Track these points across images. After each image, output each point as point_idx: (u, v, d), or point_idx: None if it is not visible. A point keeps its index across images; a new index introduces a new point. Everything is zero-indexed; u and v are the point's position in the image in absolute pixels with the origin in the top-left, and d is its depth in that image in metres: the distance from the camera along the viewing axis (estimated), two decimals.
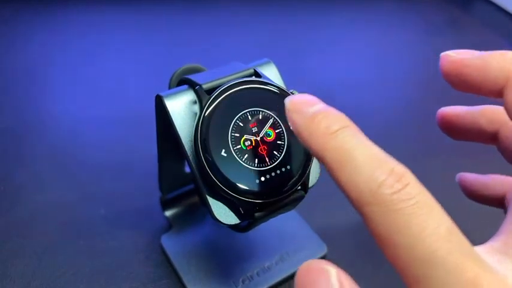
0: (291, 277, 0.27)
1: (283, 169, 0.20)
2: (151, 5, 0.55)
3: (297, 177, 0.21)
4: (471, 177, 0.26)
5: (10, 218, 0.31)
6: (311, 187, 0.22)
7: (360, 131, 0.16)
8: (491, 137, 0.24)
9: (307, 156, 0.21)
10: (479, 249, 0.16)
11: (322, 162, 0.16)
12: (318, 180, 0.23)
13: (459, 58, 0.20)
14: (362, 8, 0.58)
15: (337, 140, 0.15)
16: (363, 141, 0.16)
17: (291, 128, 0.17)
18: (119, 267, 0.28)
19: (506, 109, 0.18)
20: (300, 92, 0.22)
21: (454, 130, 0.25)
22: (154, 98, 0.22)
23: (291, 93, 0.21)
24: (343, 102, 0.44)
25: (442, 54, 0.20)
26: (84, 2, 0.54)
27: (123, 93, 0.43)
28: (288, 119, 0.17)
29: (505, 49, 0.19)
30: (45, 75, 0.44)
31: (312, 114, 0.16)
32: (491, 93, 0.19)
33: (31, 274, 0.27)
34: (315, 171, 0.23)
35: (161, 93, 0.21)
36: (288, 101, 0.17)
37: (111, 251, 0.29)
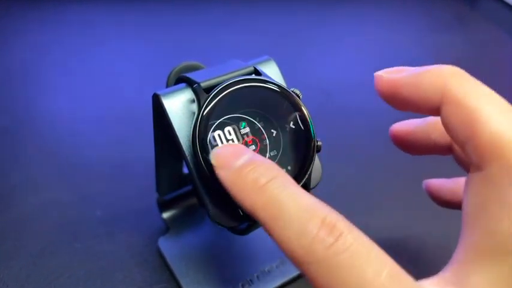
0: (292, 281, 0.27)
1: (284, 169, 0.20)
2: (149, 2, 0.55)
3: (297, 178, 0.21)
4: (437, 183, 0.26)
5: (4, 220, 0.31)
6: (312, 188, 0.22)
7: (290, 179, 0.16)
8: (446, 149, 0.24)
9: (309, 156, 0.21)
10: (429, 282, 0.16)
11: (257, 220, 0.16)
12: (320, 181, 0.23)
13: (391, 78, 0.20)
14: (365, 5, 0.58)
15: (266, 194, 0.15)
16: (292, 191, 0.15)
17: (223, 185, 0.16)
18: (115, 270, 0.28)
19: (445, 128, 0.18)
20: (303, 91, 0.22)
21: (410, 147, 0.25)
22: (151, 97, 0.22)
23: (292, 91, 0.21)
24: (344, 101, 0.44)
25: (375, 74, 0.20)
26: None
27: (119, 92, 0.43)
28: (217, 176, 0.17)
29: None
30: (40, 74, 0.44)
31: (239, 168, 0.16)
32: (429, 112, 0.19)
33: (25, 277, 0.27)
34: (316, 171, 0.23)
35: (158, 92, 0.21)
36: (212, 156, 0.17)
37: (108, 253, 0.29)
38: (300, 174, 0.21)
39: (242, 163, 0.16)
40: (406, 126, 0.25)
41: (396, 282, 0.14)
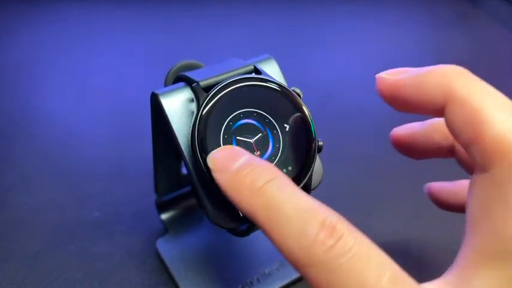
0: (293, 283, 0.27)
1: (284, 170, 0.20)
2: None
3: (298, 178, 0.21)
4: (438, 186, 0.26)
5: None
6: (314, 189, 0.22)
7: (288, 181, 0.16)
8: (449, 151, 0.24)
9: (310, 155, 0.21)
10: (431, 285, 0.16)
11: (255, 223, 0.16)
12: (321, 181, 0.23)
13: (394, 80, 0.20)
14: (366, 3, 0.58)
15: (264, 197, 0.15)
16: (290, 192, 0.15)
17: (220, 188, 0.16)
18: (112, 272, 0.28)
19: (449, 129, 0.18)
20: (303, 90, 0.22)
21: (412, 151, 0.25)
22: (149, 96, 0.22)
23: (293, 91, 0.21)
24: (345, 100, 0.44)
25: (377, 76, 0.20)
26: None
27: (116, 91, 0.42)
28: (215, 179, 0.17)
29: None
30: (34, 73, 0.44)
31: (236, 171, 0.16)
32: (432, 113, 0.19)
33: (21, 280, 0.27)
34: (318, 171, 0.23)
35: (156, 91, 0.21)
36: (209, 159, 0.17)
37: (105, 255, 0.29)
38: (301, 175, 0.21)
39: (239, 165, 0.16)
40: (406, 129, 0.25)
41: (398, 285, 0.14)
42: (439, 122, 0.24)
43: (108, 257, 0.29)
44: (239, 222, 0.21)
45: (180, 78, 0.23)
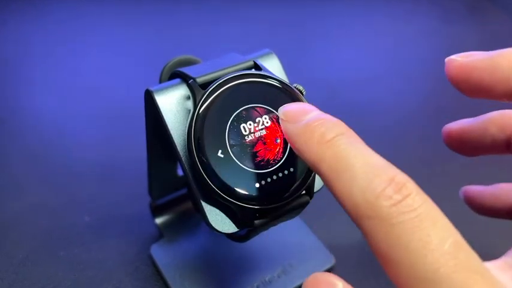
0: None
1: (286, 171, 0.20)
2: None
3: (301, 180, 0.21)
4: (477, 190, 0.26)
5: None
6: (317, 191, 0.22)
7: (358, 138, 0.16)
8: (505, 146, 0.24)
9: None
10: (491, 265, 0.16)
11: (318, 173, 0.16)
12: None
13: (466, 61, 0.20)
14: None
15: (333, 149, 0.16)
16: (360, 148, 0.16)
17: (286, 138, 0.17)
18: (104, 280, 0.28)
19: None
20: (306, 87, 0.22)
21: (465, 146, 0.25)
22: (143, 93, 0.22)
23: (295, 87, 0.21)
24: (350, 98, 0.44)
25: (447, 59, 0.20)
26: None
27: (109, 88, 0.42)
28: (282, 129, 0.17)
29: None
30: (23, 68, 0.44)
31: (306, 123, 0.17)
32: (505, 96, 0.19)
33: (7, 287, 0.27)
34: None
35: (151, 88, 0.21)
36: (281, 111, 0.18)
37: (96, 262, 0.29)
38: (304, 177, 0.21)
39: (311, 118, 0.17)
40: (460, 124, 0.25)
41: (461, 252, 0.14)
42: (496, 114, 0.24)
43: (99, 264, 0.29)
44: (238, 226, 0.21)
45: (175, 75, 0.22)
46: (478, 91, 0.20)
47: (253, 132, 0.20)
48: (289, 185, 0.20)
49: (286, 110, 0.18)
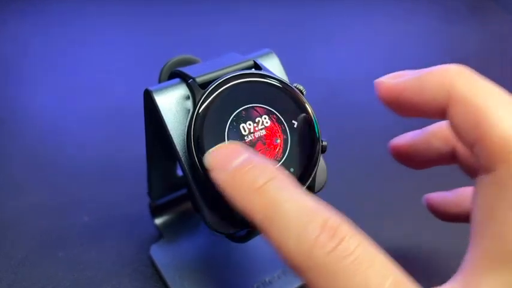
0: None
1: (286, 172, 0.20)
2: None
3: (301, 180, 0.21)
4: (438, 197, 0.26)
5: None
6: (318, 192, 0.22)
7: (291, 181, 0.16)
8: (450, 157, 0.24)
9: (313, 156, 0.21)
10: None
11: (253, 222, 0.16)
12: (325, 184, 0.23)
13: (394, 83, 0.20)
14: None
15: (264, 195, 0.15)
16: (293, 192, 0.15)
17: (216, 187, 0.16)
18: (103, 281, 0.28)
19: (452, 130, 0.18)
20: (306, 87, 0.22)
21: (411, 160, 0.25)
22: (142, 93, 0.22)
23: (295, 87, 0.21)
24: (351, 97, 0.44)
25: (375, 81, 0.21)
26: None
27: (107, 88, 0.42)
28: (211, 178, 0.17)
29: None
30: (22, 67, 0.44)
31: (234, 169, 0.16)
32: (435, 115, 0.19)
33: None
34: (322, 173, 0.23)
35: (150, 88, 0.21)
36: (206, 157, 0.17)
37: (95, 262, 0.29)
38: (304, 177, 0.21)
39: (238, 164, 0.16)
40: (405, 139, 0.25)
41: None
42: (438, 127, 0.24)
43: (98, 265, 0.29)
44: (238, 227, 0.21)
45: (175, 74, 0.23)
46: (410, 111, 0.20)
47: (253, 132, 0.20)
48: None
49: (212, 155, 0.17)
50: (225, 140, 0.20)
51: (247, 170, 0.16)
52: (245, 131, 0.20)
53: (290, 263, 0.15)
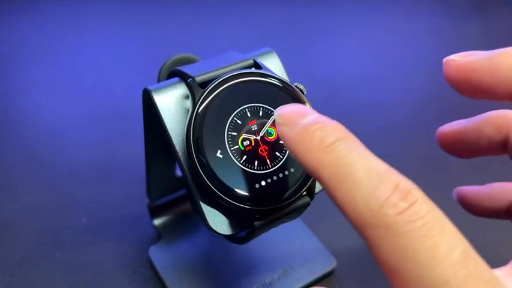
0: None
1: (287, 172, 0.20)
2: None
3: (301, 181, 0.21)
4: (470, 191, 0.26)
5: None
6: (318, 192, 0.22)
7: (359, 142, 0.16)
8: (501, 147, 0.23)
9: None
10: (500, 272, 0.16)
11: (318, 180, 0.16)
12: None
13: (465, 62, 0.20)
14: None
15: (333, 154, 0.15)
16: (362, 153, 0.15)
17: (282, 142, 0.16)
18: (101, 282, 0.28)
19: None
20: (307, 86, 0.22)
21: (460, 149, 0.24)
22: (141, 93, 0.22)
23: (295, 86, 0.21)
24: (352, 97, 0.44)
25: (445, 59, 0.20)
26: None
27: (106, 87, 0.42)
28: (278, 132, 0.17)
29: None
30: (18, 67, 0.44)
31: (304, 127, 0.16)
32: (506, 97, 0.19)
33: None
34: None
35: (149, 87, 0.21)
36: (277, 113, 0.17)
37: (93, 264, 0.29)
38: (304, 178, 0.21)
39: (308, 121, 0.16)
40: (455, 126, 0.24)
41: (470, 261, 0.14)
42: (494, 114, 0.24)
43: (96, 266, 0.29)
44: (238, 228, 0.21)
45: (174, 73, 0.23)
46: (478, 92, 0.20)
47: (253, 132, 0.20)
48: (290, 186, 0.20)
49: (283, 113, 0.17)
50: (225, 140, 0.20)
51: (317, 127, 0.16)
52: (245, 130, 0.20)
53: (355, 221, 0.15)
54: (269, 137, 0.20)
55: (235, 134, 0.20)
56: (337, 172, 0.15)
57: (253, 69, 0.22)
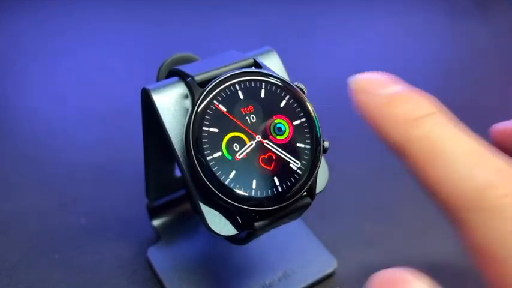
0: None
1: (287, 172, 0.20)
2: None
3: (302, 181, 0.21)
4: (503, 125, 0.24)
5: None
6: (319, 193, 0.22)
7: (454, 119, 0.15)
8: None
9: (315, 156, 0.21)
10: None
11: (402, 154, 0.15)
12: (327, 185, 0.23)
13: (503, 127, 0.19)
14: None
15: (423, 129, 0.14)
16: (457, 131, 0.15)
17: (357, 111, 0.15)
18: (100, 283, 0.28)
19: None
20: (307, 85, 0.22)
21: None
22: (140, 92, 0.22)
23: (296, 86, 0.21)
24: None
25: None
26: None
27: (104, 87, 0.42)
28: (354, 101, 0.16)
29: None
30: (15, 66, 0.44)
31: (389, 97, 0.15)
32: None
33: None
34: (323, 174, 0.23)
35: (148, 86, 0.21)
36: (352, 79, 0.16)
37: (92, 265, 0.29)
38: (306, 177, 0.21)
39: (395, 91, 0.16)
40: (510, 123, 0.23)
41: None
42: None
43: (95, 267, 0.29)
44: (238, 229, 0.21)
45: (173, 73, 0.23)
46: None
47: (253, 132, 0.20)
48: (290, 186, 0.20)
49: (359, 78, 0.16)
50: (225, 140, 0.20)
51: (404, 98, 0.15)
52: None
53: (451, 202, 0.14)
54: (276, 137, 0.20)
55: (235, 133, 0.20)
56: (428, 148, 0.14)
57: (253, 69, 0.22)
